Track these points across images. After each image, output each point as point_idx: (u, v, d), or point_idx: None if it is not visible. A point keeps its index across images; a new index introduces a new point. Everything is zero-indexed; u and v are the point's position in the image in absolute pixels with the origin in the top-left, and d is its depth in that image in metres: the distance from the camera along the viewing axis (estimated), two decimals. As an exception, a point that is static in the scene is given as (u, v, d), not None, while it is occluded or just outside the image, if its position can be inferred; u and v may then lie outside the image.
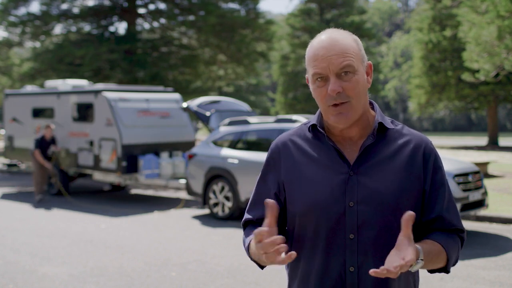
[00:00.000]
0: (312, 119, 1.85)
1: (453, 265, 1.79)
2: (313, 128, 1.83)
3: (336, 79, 1.67)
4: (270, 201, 1.60)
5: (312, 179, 1.76)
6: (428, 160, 1.76)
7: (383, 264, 1.66)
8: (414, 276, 1.83)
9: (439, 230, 1.76)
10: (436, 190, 1.76)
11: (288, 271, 1.87)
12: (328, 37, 1.71)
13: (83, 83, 13.74)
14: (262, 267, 1.81)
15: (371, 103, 1.83)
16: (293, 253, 1.53)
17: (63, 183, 12.47)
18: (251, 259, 1.83)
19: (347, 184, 1.72)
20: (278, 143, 1.87)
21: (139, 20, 24.59)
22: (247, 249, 1.81)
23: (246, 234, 1.86)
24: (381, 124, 1.77)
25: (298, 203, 1.78)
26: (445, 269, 1.75)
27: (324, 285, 1.73)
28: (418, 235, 1.75)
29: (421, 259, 1.60)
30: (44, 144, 11.52)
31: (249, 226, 1.89)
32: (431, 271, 1.78)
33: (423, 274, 5.67)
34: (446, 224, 1.76)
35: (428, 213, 1.76)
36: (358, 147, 1.76)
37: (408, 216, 1.53)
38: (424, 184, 1.75)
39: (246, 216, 1.91)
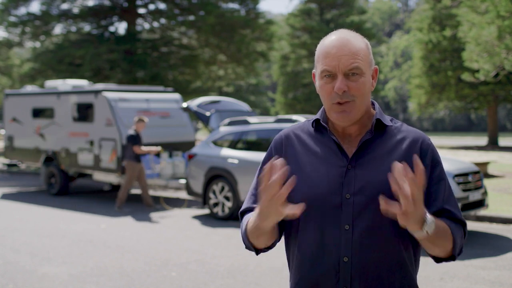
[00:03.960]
0: (317, 114, 1.90)
1: (459, 253, 1.78)
2: (316, 123, 1.88)
3: (344, 78, 1.73)
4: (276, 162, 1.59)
5: (311, 172, 1.80)
6: (425, 156, 1.78)
7: (377, 255, 1.70)
8: (413, 267, 1.82)
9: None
10: (435, 185, 1.77)
11: (288, 258, 1.90)
12: (341, 37, 1.77)
13: (83, 83, 13.74)
14: (257, 252, 1.84)
15: (372, 103, 1.88)
16: (297, 210, 1.57)
17: (63, 183, 12.47)
18: (247, 245, 1.84)
19: (345, 177, 1.76)
20: (282, 135, 1.92)
21: (139, 20, 24.57)
22: (245, 231, 1.80)
23: (245, 219, 1.85)
24: (379, 121, 1.82)
25: (296, 195, 1.80)
26: (452, 255, 1.75)
27: (318, 274, 1.76)
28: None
29: (433, 221, 1.60)
30: (139, 139, 10.32)
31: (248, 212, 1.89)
32: (438, 260, 1.78)
33: (423, 274, 5.67)
34: (451, 216, 1.76)
35: (429, 208, 1.75)
36: (357, 142, 1.81)
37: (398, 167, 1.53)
38: None
39: (246, 205, 1.90)
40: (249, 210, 1.89)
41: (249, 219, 1.78)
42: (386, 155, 1.77)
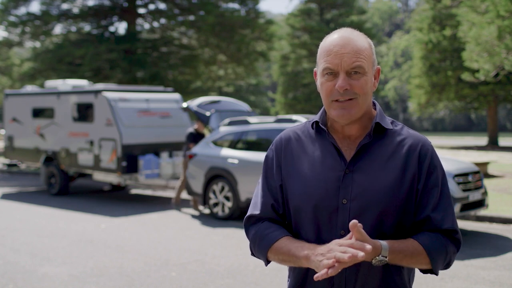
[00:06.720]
0: (316, 116, 1.88)
1: (444, 267, 1.77)
2: (316, 124, 1.86)
3: (345, 77, 1.71)
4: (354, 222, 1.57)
5: (308, 175, 1.79)
6: (424, 161, 1.76)
7: (370, 261, 1.66)
8: (409, 274, 1.83)
9: (427, 231, 1.75)
10: (428, 191, 1.75)
11: None
12: (344, 35, 1.75)
13: (83, 83, 13.73)
14: (267, 263, 1.84)
15: (373, 103, 1.86)
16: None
17: (63, 183, 12.47)
18: (260, 257, 1.84)
19: (342, 181, 1.74)
20: (282, 137, 1.91)
21: (139, 20, 24.58)
22: (266, 249, 1.79)
23: (263, 229, 1.83)
24: (378, 124, 1.79)
25: (293, 197, 1.81)
26: (432, 271, 1.75)
27: (312, 278, 1.75)
28: (410, 235, 1.76)
29: (384, 256, 1.61)
30: (198, 138, 10.51)
31: (262, 222, 1.87)
32: (422, 271, 1.79)
33: (423, 274, 5.67)
34: (435, 225, 1.74)
35: (419, 213, 1.76)
36: (356, 145, 1.79)
37: (352, 224, 1.54)
38: (418, 184, 1.75)
39: (254, 211, 1.88)
40: (260, 218, 1.87)
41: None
42: (385, 160, 1.75)
